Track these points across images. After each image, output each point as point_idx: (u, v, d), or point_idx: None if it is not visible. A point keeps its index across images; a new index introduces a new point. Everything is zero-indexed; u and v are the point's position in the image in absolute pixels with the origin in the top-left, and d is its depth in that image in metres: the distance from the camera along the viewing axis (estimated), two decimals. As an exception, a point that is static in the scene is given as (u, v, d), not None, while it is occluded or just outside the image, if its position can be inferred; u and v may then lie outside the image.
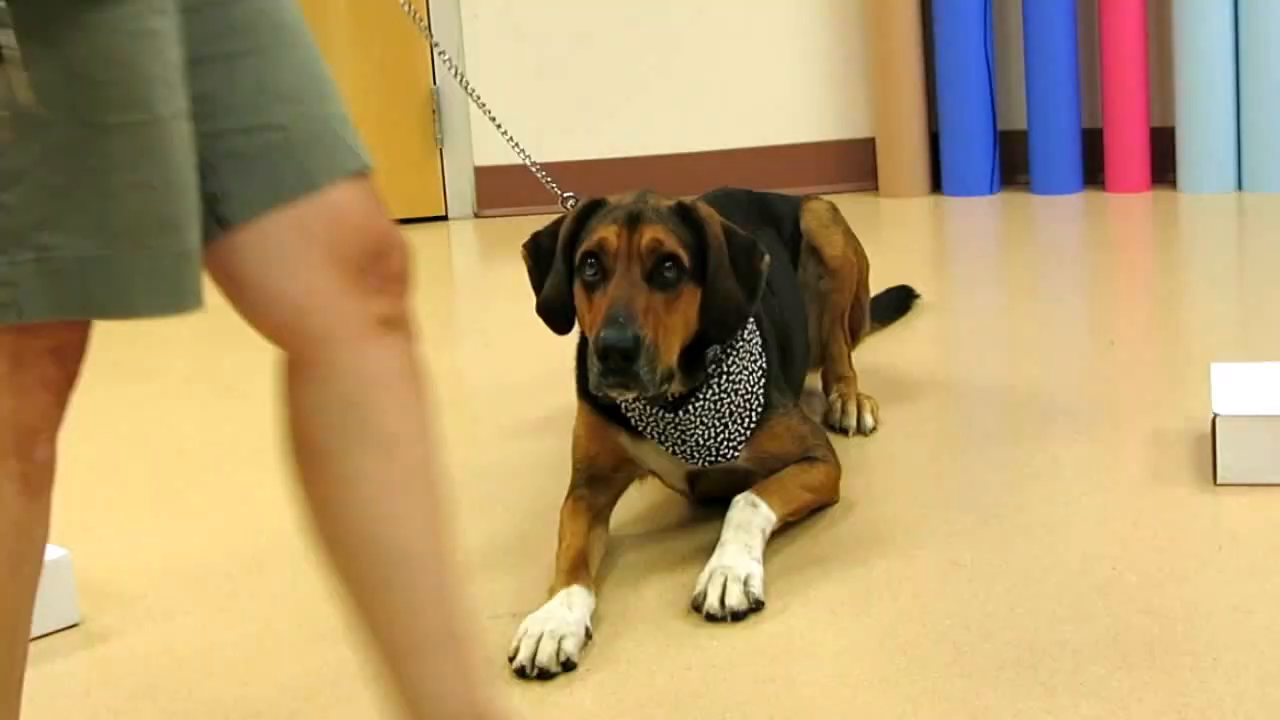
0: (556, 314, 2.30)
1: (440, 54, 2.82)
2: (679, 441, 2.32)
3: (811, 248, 2.86)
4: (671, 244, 2.19)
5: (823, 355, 2.97)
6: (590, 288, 2.22)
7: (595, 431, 2.38)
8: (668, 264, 2.19)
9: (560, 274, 2.28)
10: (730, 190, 2.91)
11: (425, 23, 2.41)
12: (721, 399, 2.30)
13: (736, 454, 2.34)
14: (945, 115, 5.46)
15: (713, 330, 2.25)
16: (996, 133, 5.42)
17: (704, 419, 2.30)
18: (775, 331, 2.49)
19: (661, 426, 2.31)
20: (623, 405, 2.31)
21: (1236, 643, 1.90)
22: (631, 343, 2.11)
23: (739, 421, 2.32)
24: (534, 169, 2.60)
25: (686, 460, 2.34)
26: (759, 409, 2.34)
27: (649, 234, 2.18)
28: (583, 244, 2.22)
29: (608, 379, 2.14)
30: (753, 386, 2.33)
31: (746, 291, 2.27)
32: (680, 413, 2.29)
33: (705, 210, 2.28)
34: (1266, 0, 4.98)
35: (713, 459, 2.33)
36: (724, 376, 2.30)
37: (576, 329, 2.36)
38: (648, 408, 2.30)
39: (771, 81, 5.73)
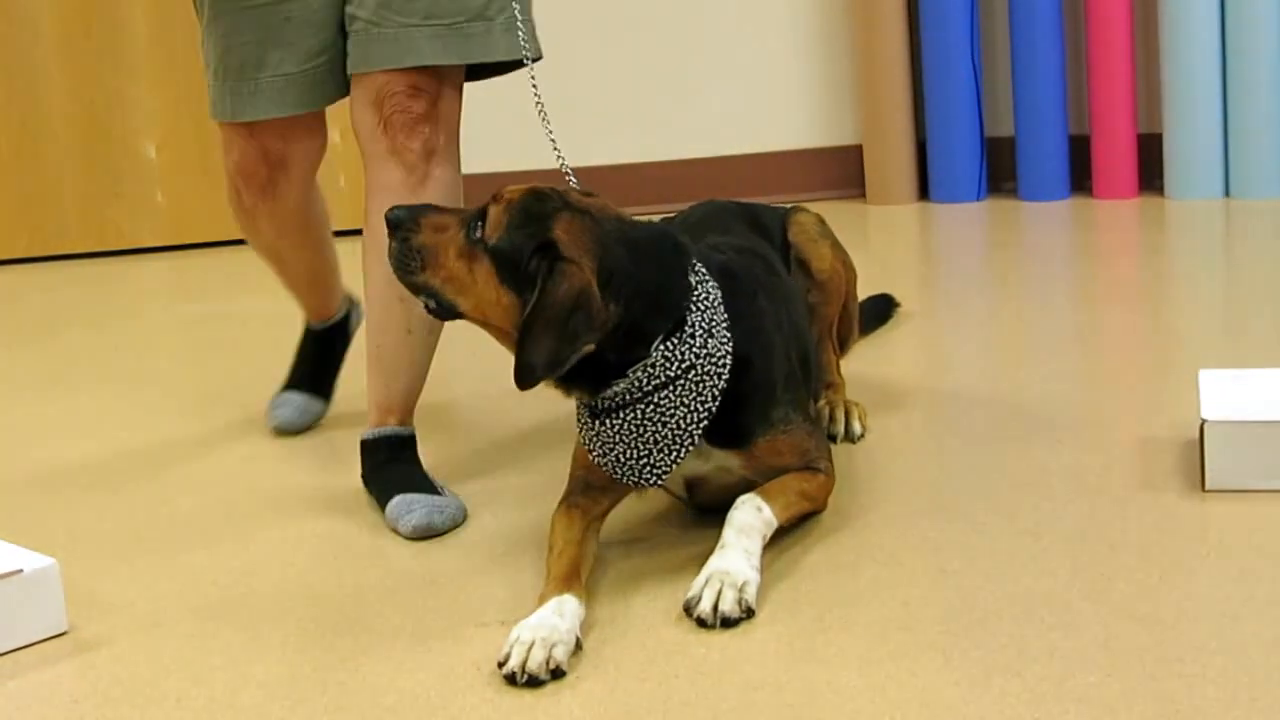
0: None
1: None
2: (600, 452, 2.30)
3: (799, 260, 2.85)
4: (499, 231, 2.18)
5: (811, 364, 2.98)
6: None
7: None
8: (479, 224, 2.21)
9: None
10: (721, 202, 2.91)
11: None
12: (645, 426, 2.25)
13: (661, 482, 2.32)
14: (932, 122, 5.48)
15: (515, 363, 2.17)
16: (984, 139, 5.43)
17: (624, 438, 2.26)
18: (797, 343, 2.48)
19: (587, 432, 2.31)
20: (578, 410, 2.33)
21: (1226, 649, 1.90)
22: (401, 214, 2.26)
23: (665, 453, 2.28)
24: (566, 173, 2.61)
25: (609, 472, 2.32)
26: (690, 445, 2.28)
27: (502, 209, 2.20)
28: None
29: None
30: (687, 425, 2.26)
31: (549, 353, 2.13)
32: (599, 423, 2.28)
33: (573, 253, 2.14)
34: (1253, 6, 4.99)
35: (635, 480, 2.31)
36: (651, 407, 2.24)
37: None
38: (580, 409, 2.30)
39: (759, 88, 5.73)
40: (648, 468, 2.29)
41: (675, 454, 2.28)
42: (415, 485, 2.62)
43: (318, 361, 3.29)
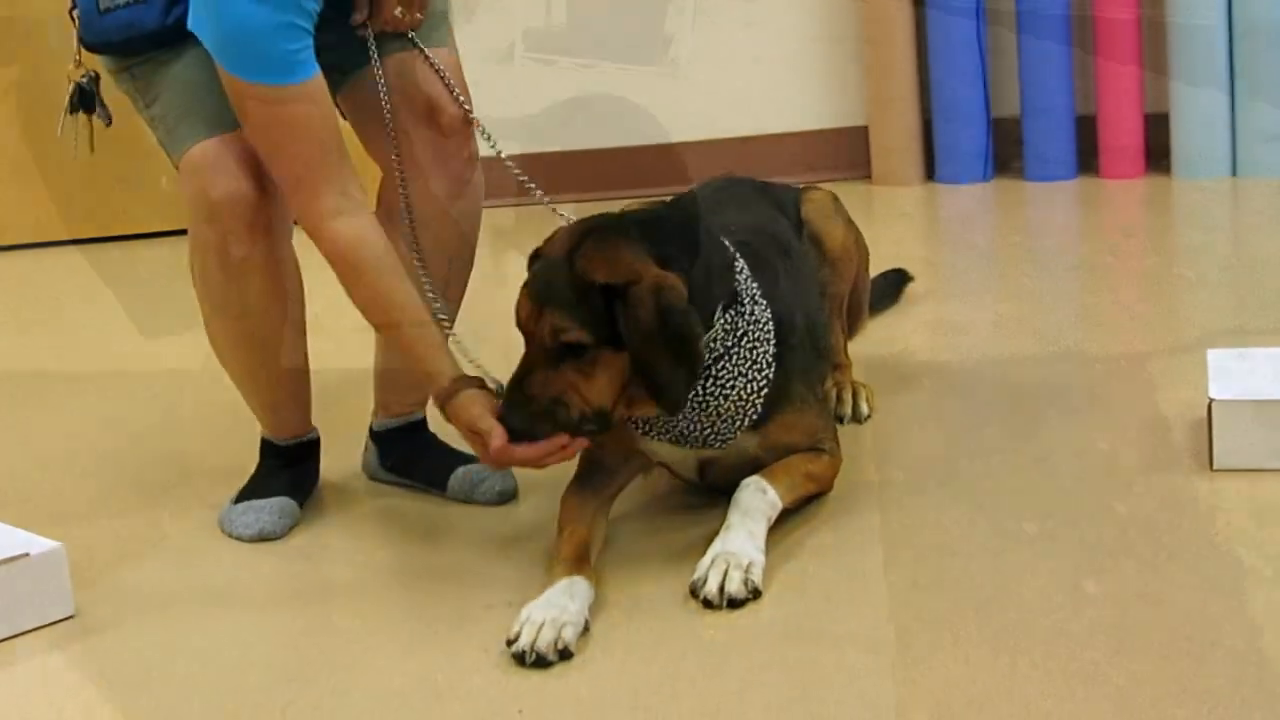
0: None
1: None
2: (664, 429, 2.31)
3: (812, 238, 2.84)
4: (571, 331, 2.14)
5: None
6: None
7: None
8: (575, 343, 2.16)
9: None
10: (736, 179, 2.90)
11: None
12: (708, 402, 2.27)
13: (724, 445, 2.33)
14: (938, 102, 5.45)
15: (656, 399, 2.18)
16: (990, 120, 5.41)
17: (689, 416, 2.28)
18: (807, 325, 2.48)
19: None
20: None
21: (1233, 628, 1.90)
22: (525, 423, 2.16)
23: (729, 422, 2.30)
24: (536, 192, 2.54)
25: (674, 444, 2.32)
26: (754, 415, 2.31)
27: (549, 321, 2.15)
28: None
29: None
30: (749, 394, 2.29)
31: (685, 368, 2.16)
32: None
33: (644, 289, 2.14)
34: (1260, -14, 4.97)
35: (699, 445, 2.32)
36: (713, 382, 2.26)
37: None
38: None
39: (763, 69, 5.71)
40: (714, 436, 2.32)
41: (738, 424, 2.31)
42: (463, 457, 2.62)
43: (293, 470, 2.68)
